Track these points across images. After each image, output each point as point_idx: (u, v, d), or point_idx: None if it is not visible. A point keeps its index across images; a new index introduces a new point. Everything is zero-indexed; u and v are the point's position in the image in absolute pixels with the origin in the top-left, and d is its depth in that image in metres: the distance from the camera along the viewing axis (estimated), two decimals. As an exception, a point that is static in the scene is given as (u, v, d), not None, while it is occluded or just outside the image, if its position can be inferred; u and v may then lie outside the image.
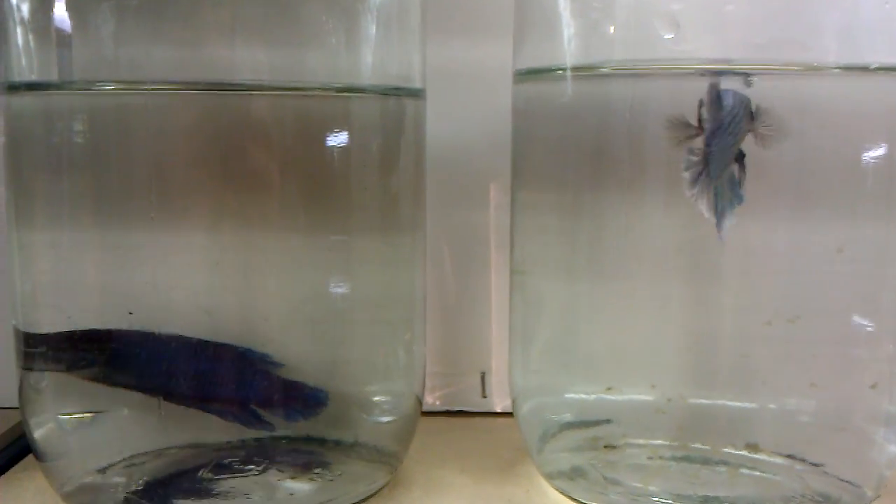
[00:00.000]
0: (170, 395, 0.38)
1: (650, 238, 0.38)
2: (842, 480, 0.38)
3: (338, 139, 0.38)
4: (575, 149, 0.38)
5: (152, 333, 0.38)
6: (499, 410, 0.50)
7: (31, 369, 0.38)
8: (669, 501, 0.37)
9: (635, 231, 0.39)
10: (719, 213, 0.36)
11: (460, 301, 0.50)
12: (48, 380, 0.38)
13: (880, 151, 0.36)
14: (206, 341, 0.38)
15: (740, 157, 0.36)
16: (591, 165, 0.38)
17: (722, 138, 0.36)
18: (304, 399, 0.39)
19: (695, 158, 0.36)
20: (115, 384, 0.38)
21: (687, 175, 0.36)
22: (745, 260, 0.38)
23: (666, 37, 0.34)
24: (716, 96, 0.35)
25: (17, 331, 0.38)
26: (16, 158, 0.37)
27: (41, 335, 0.38)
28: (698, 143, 0.36)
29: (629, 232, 0.39)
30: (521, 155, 0.41)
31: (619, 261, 0.39)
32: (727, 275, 0.38)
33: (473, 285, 0.50)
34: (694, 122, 0.36)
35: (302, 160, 0.38)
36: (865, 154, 0.36)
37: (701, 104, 0.36)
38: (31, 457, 0.41)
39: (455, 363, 0.50)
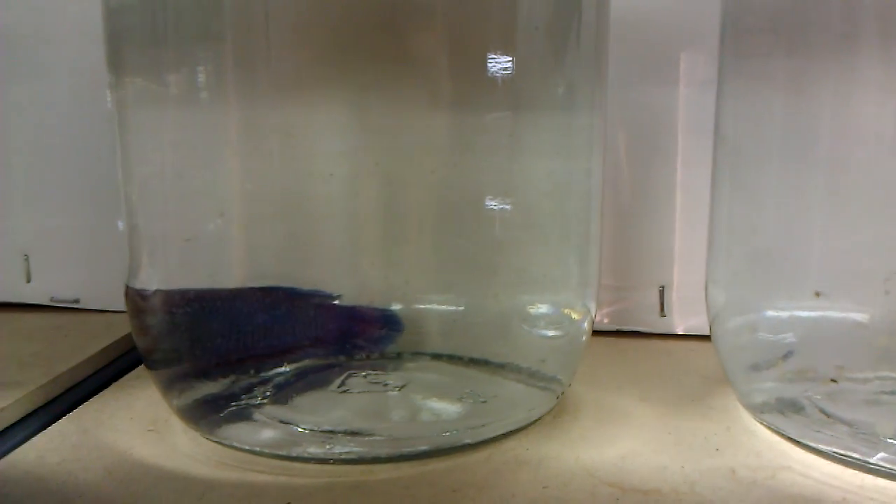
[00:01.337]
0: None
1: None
2: None
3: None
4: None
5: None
6: (680, 332, 0.42)
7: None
8: None
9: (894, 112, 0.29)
10: None
11: (637, 201, 0.42)
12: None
13: None
14: (268, 290, 0.32)
15: None
16: (840, 22, 0.29)
17: None
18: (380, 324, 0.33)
19: None
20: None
21: None
22: None
23: None
24: None
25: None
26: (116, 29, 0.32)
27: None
28: None
29: (886, 113, 0.29)
30: (740, 12, 0.32)
31: (867, 148, 0.30)
32: None
33: (654, 181, 0.41)
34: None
35: (457, 17, 0.31)
36: None
37: None
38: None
39: (629, 275, 0.42)
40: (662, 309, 0.42)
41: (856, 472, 0.28)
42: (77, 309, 0.46)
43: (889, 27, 0.28)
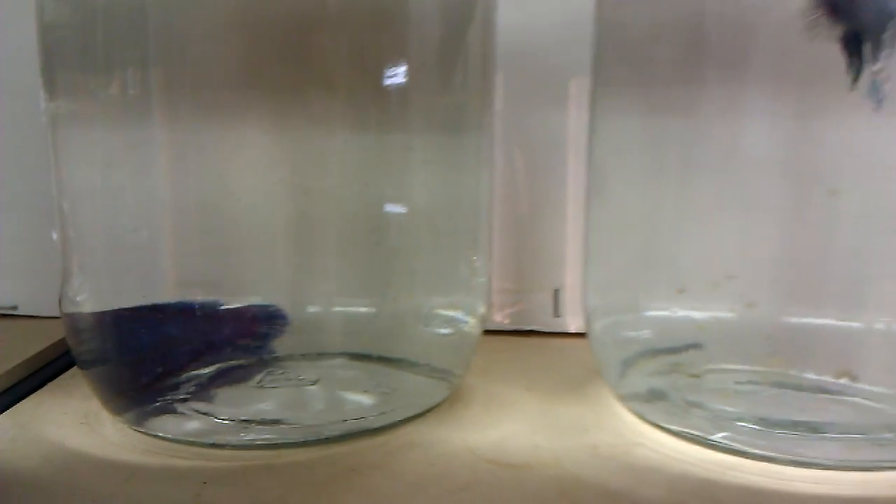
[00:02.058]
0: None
1: (751, 138, 0.34)
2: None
3: (398, 22, 0.34)
4: (670, 36, 0.34)
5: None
6: (572, 331, 0.47)
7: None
8: (755, 426, 0.33)
9: (734, 132, 0.34)
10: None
11: (533, 211, 0.46)
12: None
13: None
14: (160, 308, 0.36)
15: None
16: (685, 56, 0.34)
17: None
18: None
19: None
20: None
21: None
22: (864, 163, 0.33)
23: None
24: None
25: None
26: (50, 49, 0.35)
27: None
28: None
29: (727, 133, 0.34)
30: (604, 45, 0.36)
31: (713, 164, 0.34)
32: (841, 179, 0.33)
33: (548, 193, 0.46)
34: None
35: (359, 47, 0.34)
36: None
37: None
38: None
39: (526, 279, 0.47)
40: (556, 310, 0.47)
41: (700, 447, 0.33)
42: (15, 315, 0.48)
43: (726, 60, 0.33)
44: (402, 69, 0.35)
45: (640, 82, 0.35)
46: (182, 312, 0.36)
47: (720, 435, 0.33)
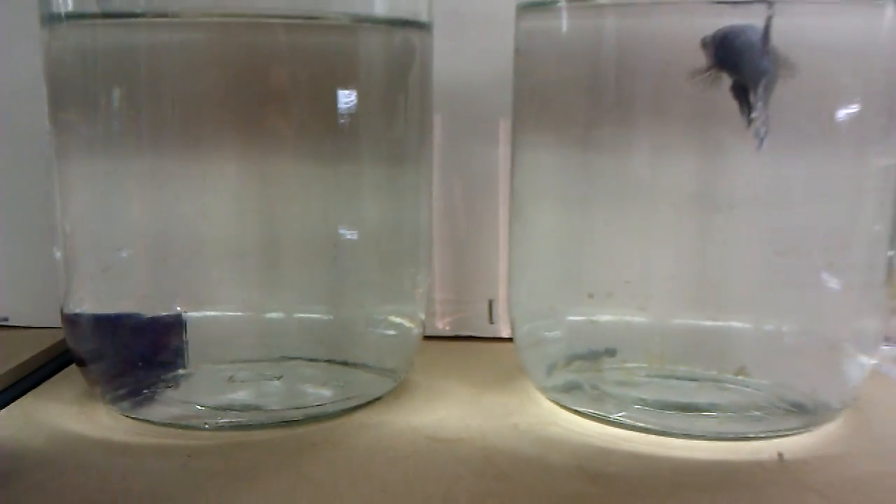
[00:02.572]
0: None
1: (644, 173, 0.41)
2: (815, 393, 0.40)
3: (348, 69, 0.41)
4: (572, 85, 0.41)
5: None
6: (505, 336, 0.53)
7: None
8: (648, 407, 0.40)
9: (627, 163, 0.41)
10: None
11: (470, 232, 0.53)
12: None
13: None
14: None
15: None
16: (587, 102, 0.41)
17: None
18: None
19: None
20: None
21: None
22: (748, 190, 0.40)
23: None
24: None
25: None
26: (56, 89, 0.41)
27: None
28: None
29: (624, 167, 0.41)
30: (521, 92, 0.44)
31: (613, 190, 0.42)
32: (729, 203, 0.40)
33: (482, 217, 0.53)
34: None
35: (313, 92, 0.41)
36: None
37: (707, 42, 0.38)
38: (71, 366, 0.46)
39: (464, 291, 0.53)
40: (491, 317, 0.54)
41: (603, 425, 0.40)
42: (6, 326, 0.54)
43: (620, 106, 0.40)
44: (353, 110, 0.41)
45: (550, 123, 0.42)
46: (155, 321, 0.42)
47: (619, 414, 0.40)
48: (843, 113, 0.38)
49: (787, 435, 0.39)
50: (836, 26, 0.38)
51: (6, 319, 0.54)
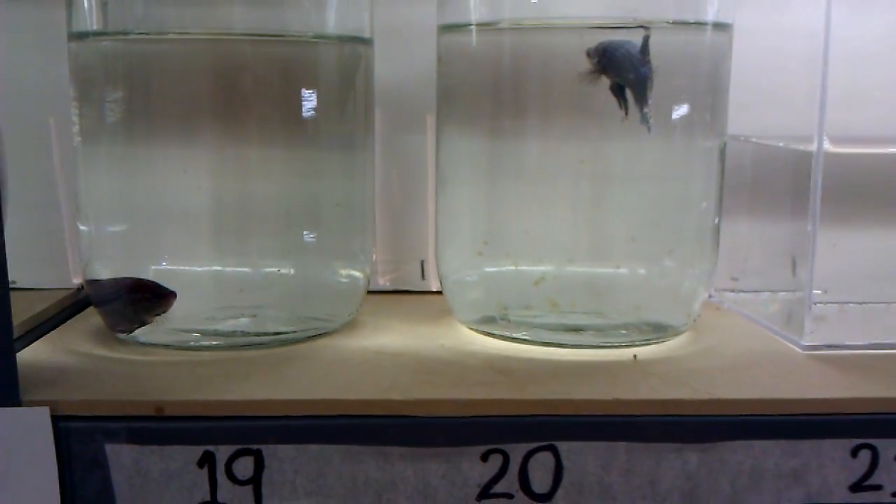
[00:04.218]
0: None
1: (537, 154, 0.53)
2: (665, 317, 0.54)
3: (307, 76, 0.52)
4: (481, 87, 0.53)
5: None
6: (434, 290, 0.66)
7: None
8: (546, 329, 0.53)
9: (526, 150, 0.53)
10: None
11: (405, 205, 0.65)
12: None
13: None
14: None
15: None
16: (491, 100, 0.53)
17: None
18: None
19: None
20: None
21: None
22: (615, 167, 0.53)
23: (532, 1, 0.49)
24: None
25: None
26: (81, 91, 0.52)
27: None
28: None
29: (522, 150, 0.54)
30: (442, 93, 0.56)
31: (515, 171, 0.54)
32: (604, 177, 0.53)
33: (414, 192, 0.65)
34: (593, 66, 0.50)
35: (284, 94, 0.53)
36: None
37: (591, 52, 0.50)
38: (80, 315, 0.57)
39: (400, 253, 0.66)
40: (423, 274, 0.66)
41: (510, 342, 0.53)
42: (15, 288, 0.63)
43: (520, 101, 0.53)
44: (311, 107, 0.53)
45: (465, 117, 0.55)
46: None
47: (522, 334, 0.53)
48: (678, 107, 0.52)
49: (644, 345, 0.52)
50: (673, 41, 0.52)
51: (14, 282, 0.63)
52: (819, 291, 0.60)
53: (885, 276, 0.62)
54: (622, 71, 0.50)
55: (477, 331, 0.55)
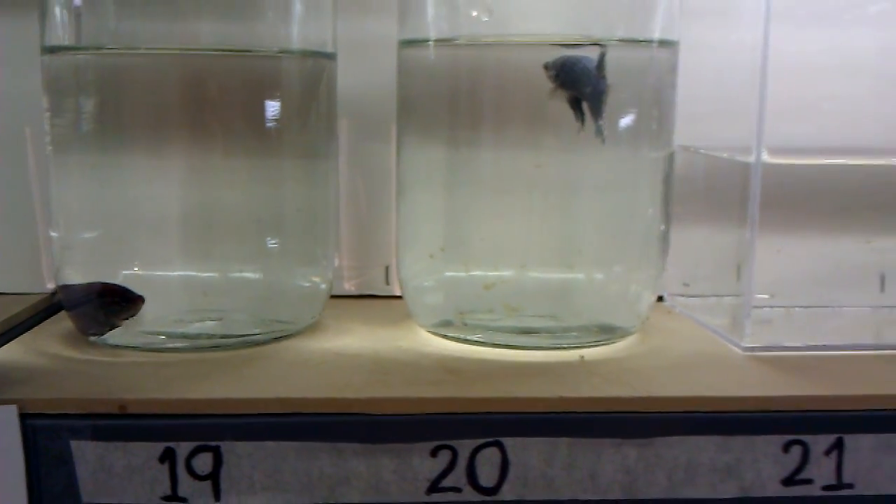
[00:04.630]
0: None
1: (491, 163, 0.56)
2: (614, 319, 0.56)
3: (272, 89, 0.55)
4: (434, 100, 0.56)
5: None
6: (397, 294, 0.68)
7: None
8: (499, 332, 0.55)
9: (482, 159, 0.56)
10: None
11: (370, 212, 0.67)
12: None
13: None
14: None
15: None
16: (448, 112, 0.55)
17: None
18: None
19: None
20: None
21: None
22: (565, 176, 0.56)
23: (484, 19, 0.51)
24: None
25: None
26: (53, 102, 0.54)
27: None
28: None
29: (477, 160, 0.56)
30: (402, 104, 0.58)
31: (471, 180, 0.56)
32: (558, 186, 0.55)
33: (380, 200, 0.67)
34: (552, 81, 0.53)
35: (249, 105, 0.55)
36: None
37: (549, 66, 0.53)
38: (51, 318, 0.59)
39: (366, 259, 0.68)
40: (387, 280, 0.68)
41: (465, 345, 0.55)
42: (-9, 292, 0.66)
43: (473, 113, 0.55)
44: (277, 117, 0.55)
45: (424, 127, 0.57)
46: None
47: (476, 336, 0.55)
48: (626, 119, 0.54)
49: (593, 346, 0.55)
50: (621, 57, 0.54)
51: (-9, 287, 0.66)
52: (766, 296, 0.63)
53: (831, 280, 0.65)
54: (580, 85, 0.53)
55: (435, 334, 0.57)
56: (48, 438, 0.44)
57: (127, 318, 0.53)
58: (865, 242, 0.65)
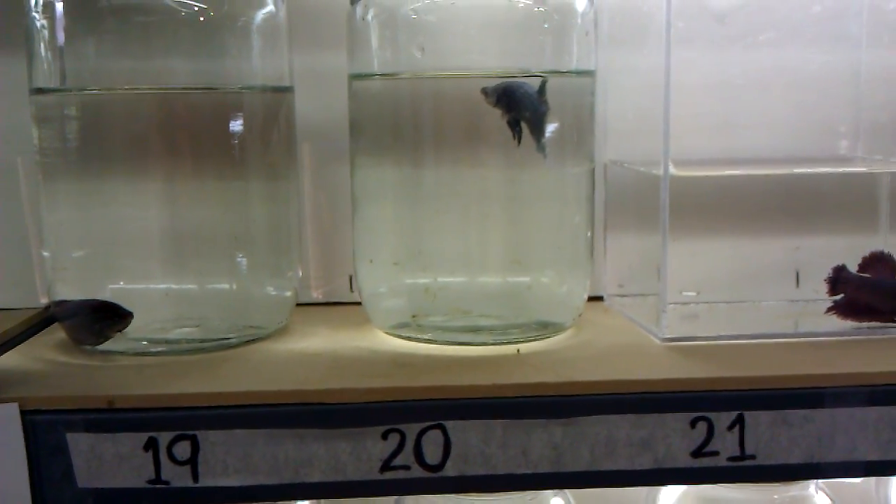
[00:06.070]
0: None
1: (433, 179, 0.62)
2: (538, 317, 0.63)
3: (236, 121, 0.61)
4: (382, 126, 0.63)
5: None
6: (361, 301, 0.74)
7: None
8: (446, 330, 0.61)
9: (424, 175, 0.62)
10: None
11: (333, 226, 0.74)
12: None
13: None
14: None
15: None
16: (393, 136, 0.62)
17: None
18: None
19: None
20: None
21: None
22: (501, 190, 0.63)
23: (418, 56, 0.58)
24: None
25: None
26: (41, 135, 0.61)
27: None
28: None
29: (420, 176, 0.63)
30: (354, 129, 0.65)
31: (417, 195, 0.63)
32: (496, 198, 0.62)
33: (342, 216, 0.73)
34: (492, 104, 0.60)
35: (217, 135, 0.62)
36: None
37: (489, 91, 0.59)
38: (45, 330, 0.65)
39: (331, 269, 0.74)
40: (351, 288, 0.75)
41: (418, 343, 0.62)
42: (-12, 308, 0.72)
43: (416, 136, 0.62)
44: (241, 144, 0.62)
45: (372, 149, 0.64)
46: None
47: (428, 335, 0.62)
48: (550, 139, 0.61)
49: (533, 341, 0.62)
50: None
51: (-13, 303, 0.72)
52: (693, 293, 0.70)
53: (752, 278, 0.72)
54: (521, 109, 0.60)
55: (391, 335, 0.64)
56: (46, 432, 0.51)
57: (118, 332, 0.60)
58: (780, 243, 0.72)
